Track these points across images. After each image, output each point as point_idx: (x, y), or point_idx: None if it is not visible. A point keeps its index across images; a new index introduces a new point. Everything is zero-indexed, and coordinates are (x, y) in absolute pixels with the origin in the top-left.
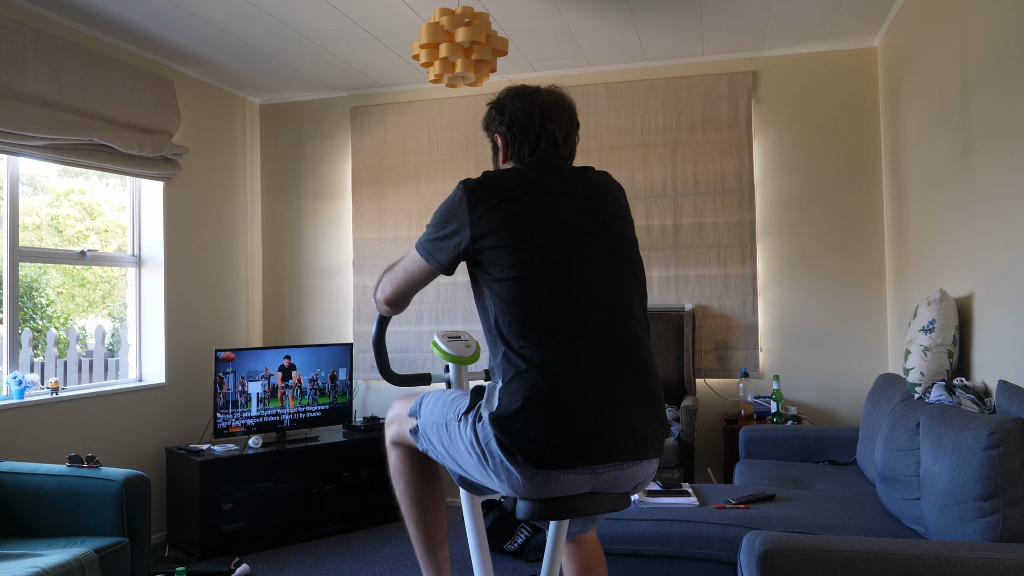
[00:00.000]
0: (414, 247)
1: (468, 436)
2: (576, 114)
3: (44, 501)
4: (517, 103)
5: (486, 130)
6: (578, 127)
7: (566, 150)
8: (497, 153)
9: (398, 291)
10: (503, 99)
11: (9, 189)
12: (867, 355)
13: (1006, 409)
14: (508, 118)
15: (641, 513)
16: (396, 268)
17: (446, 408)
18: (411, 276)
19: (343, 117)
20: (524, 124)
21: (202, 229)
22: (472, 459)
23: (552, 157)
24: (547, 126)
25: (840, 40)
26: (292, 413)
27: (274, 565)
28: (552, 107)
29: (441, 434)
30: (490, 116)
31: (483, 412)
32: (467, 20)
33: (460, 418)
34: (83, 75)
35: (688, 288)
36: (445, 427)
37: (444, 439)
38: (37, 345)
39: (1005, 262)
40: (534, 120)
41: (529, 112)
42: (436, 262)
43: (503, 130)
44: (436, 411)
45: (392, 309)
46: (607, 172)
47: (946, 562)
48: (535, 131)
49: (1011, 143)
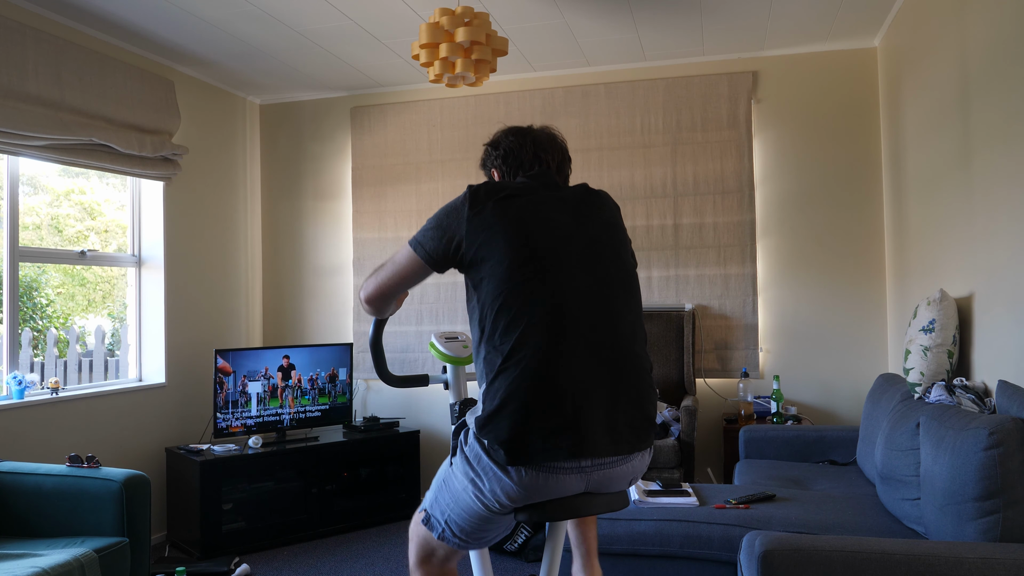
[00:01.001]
0: (407, 242)
1: (461, 467)
2: (568, 150)
3: (44, 501)
4: (511, 137)
5: (483, 168)
6: (570, 161)
7: (560, 178)
8: None
9: (383, 287)
10: (498, 138)
11: (9, 189)
12: (867, 355)
13: (1006, 409)
14: (503, 151)
15: (641, 513)
16: (384, 264)
17: (440, 474)
18: (399, 269)
19: (343, 117)
20: (518, 155)
21: (202, 229)
22: (469, 496)
23: (550, 173)
24: (540, 155)
25: (840, 40)
26: (292, 413)
27: (274, 565)
28: (544, 140)
29: (443, 495)
30: (486, 153)
31: (469, 422)
32: (467, 20)
33: (451, 462)
34: (83, 75)
35: (688, 288)
36: (444, 484)
37: (448, 498)
38: (37, 345)
39: (1005, 262)
40: (527, 150)
41: (522, 144)
42: (424, 251)
43: (499, 163)
44: (434, 485)
45: (374, 309)
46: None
47: (946, 562)
48: (528, 160)
49: (1011, 144)
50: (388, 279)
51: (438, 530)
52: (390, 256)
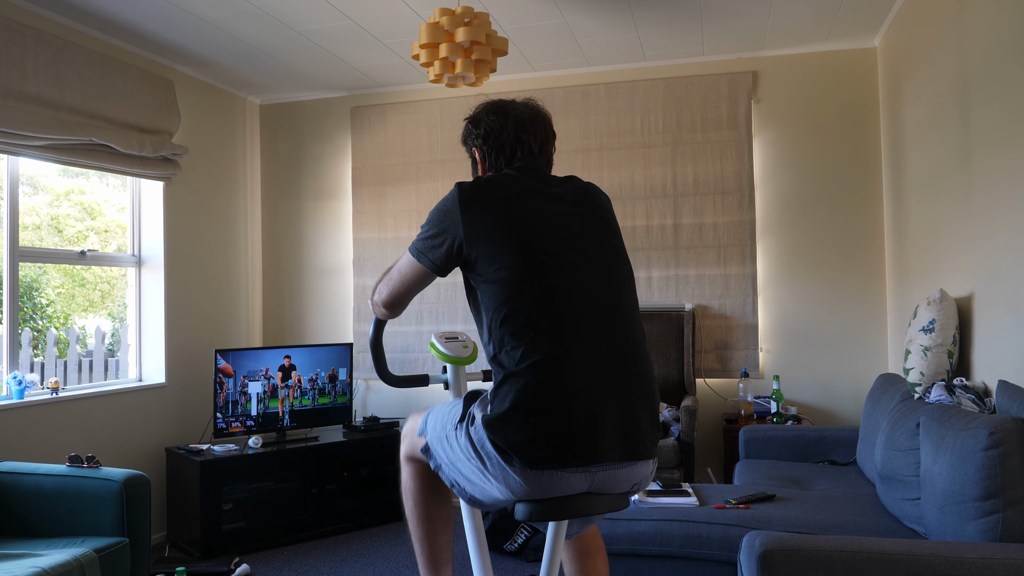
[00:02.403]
0: (408, 250)
1: (464, 442)
2: (551, 125)
3: (44, 501)
4: (492, 116)
5: (464, 144)
6: (554, 138)
7: (542, 159)
8: (476, 167)
9: (394, 294)
10: (479, 113)
11: (9, 189)
12: (867, 355)
13: (1006, 409)
14: (483, 131)
15: (641, 513)
16: (391, 271)
17: (445, 420)
18: (406, 278)
19: (343, 117)
20: (499, 136)
21: (202, 229)
22: (472, 465)
23: (536, 163)
24: (521, 137)
25: (840, 40)
26: (292, 413)
27: (274, 565)
28: (526, 119)
29: (445, 447)
30: (467, 130)
31: (475, 414)
32: (467, 20)
33: (456, 426)
34: (83, 75)
35: (688, 288)
36: (446, 438)
37: (448, 451)
38: (37, 345)
39: (1005, 262)
40: (508, 132)
41: (503, 124)
42: (428, 261)
43: (479, 143)
44: (439, 425)
45: (390, 312)
46: (593, 183)
47: (946, 562)
48: (510, 142)
49: (1011, 144)
50: (398, 287)
51: (435, 464)
52: (395, 262)
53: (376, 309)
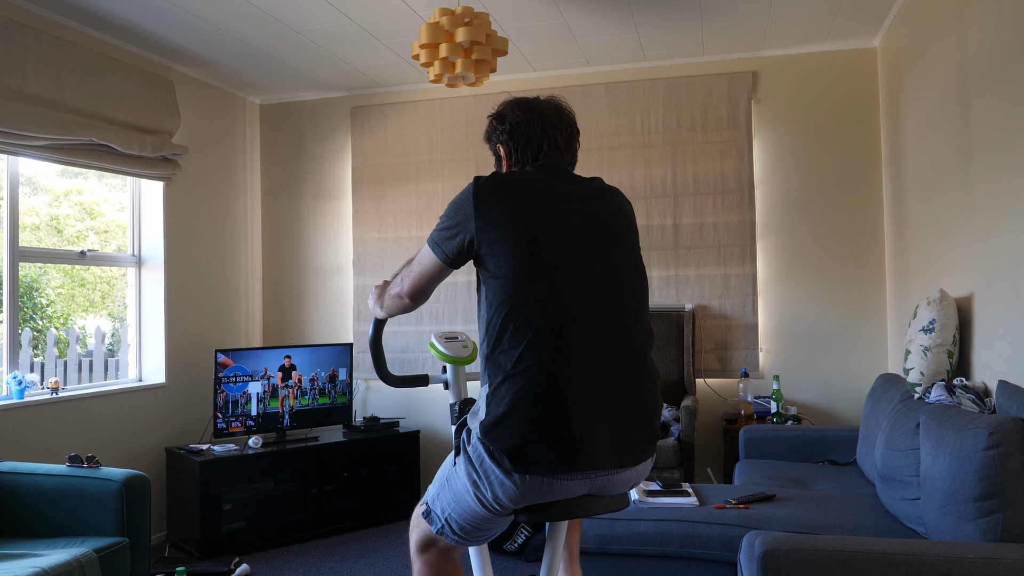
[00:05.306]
0: (426, 240)
1: (464, 468)
2: (576, 122)
3: (44, 501)
4: (518, 111)
5: (488, 141)
6: (578, 134)
7: (568, 155)
8: (499, 164)
9: (415, 284)
10: (503, 110)
11: (9, 189)
12: (867, 355)
13: (1006, 409)
14: (509, 126)
15: (641, 513)
16: (412, 262)
17: (443, 470)
18: (425, 269)
19: (343, 117)
20: (525, 131)
21: (202, 229)
22: (470, 496)
23: (560, 161)
24: (548, 132)
25: (840, 40)
26: (292, 413)
27: (274, 565)
28: (552, 114)
29: (445, 493)
30: (491, 127)
31: (471, 426)
32: (467, 20)
33: (455, 461)
34: (83, 75)
35: (688, 288)
36: (447, 482)
37: (449, 497)
38: (37, 345)
39: (1005, 262)
40: (535, 126)
41: (530, 119)
42: (442, 253)
43: (505, 139)
44: (437, 480)
45: (412, 304)
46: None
47: (946, 562)
48: (536, 137)
49: (1011, 143)
50: (418, 279)
51: (437, 525)
52: (415, 254)
53: (398, 300)
